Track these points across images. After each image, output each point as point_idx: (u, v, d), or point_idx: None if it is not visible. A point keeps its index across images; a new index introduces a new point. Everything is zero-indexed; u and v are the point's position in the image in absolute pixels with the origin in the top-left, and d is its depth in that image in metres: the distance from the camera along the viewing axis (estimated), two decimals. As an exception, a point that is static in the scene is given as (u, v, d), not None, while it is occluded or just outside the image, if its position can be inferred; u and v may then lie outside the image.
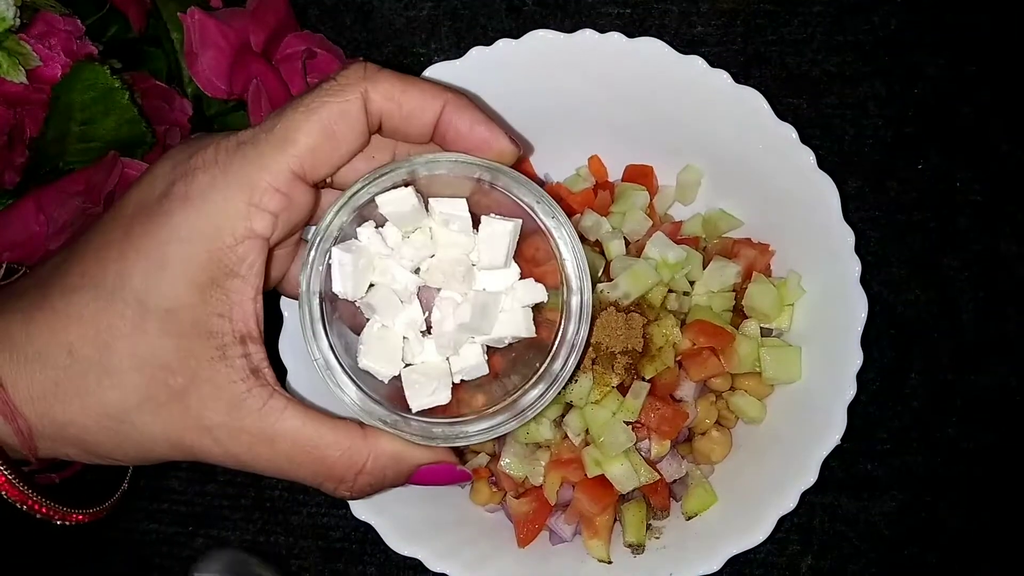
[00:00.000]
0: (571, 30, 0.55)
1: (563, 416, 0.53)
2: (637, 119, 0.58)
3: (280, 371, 0.47)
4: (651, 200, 0.60)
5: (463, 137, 0.40)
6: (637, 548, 0.54)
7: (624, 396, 0.52)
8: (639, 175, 0.60)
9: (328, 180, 0.40)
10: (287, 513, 0.64)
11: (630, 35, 0.54)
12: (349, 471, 0.39)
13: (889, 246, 0.64)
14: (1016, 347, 0.62)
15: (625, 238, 0.57)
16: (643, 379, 0.52)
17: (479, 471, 0.56)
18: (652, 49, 0.54)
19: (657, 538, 0.55)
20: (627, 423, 0.52)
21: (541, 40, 0.55)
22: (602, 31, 0.55)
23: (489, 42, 0.55)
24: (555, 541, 0.56)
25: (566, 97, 0.57)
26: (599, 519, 0.53)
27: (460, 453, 0.57)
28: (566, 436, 0.53)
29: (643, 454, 0.53)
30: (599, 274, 0.56)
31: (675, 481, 0.55)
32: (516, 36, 0.55)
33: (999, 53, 0.65)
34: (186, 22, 0.57)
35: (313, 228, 0.40)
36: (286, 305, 0.54)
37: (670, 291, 0.55)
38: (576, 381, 0.52)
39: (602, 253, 0.56)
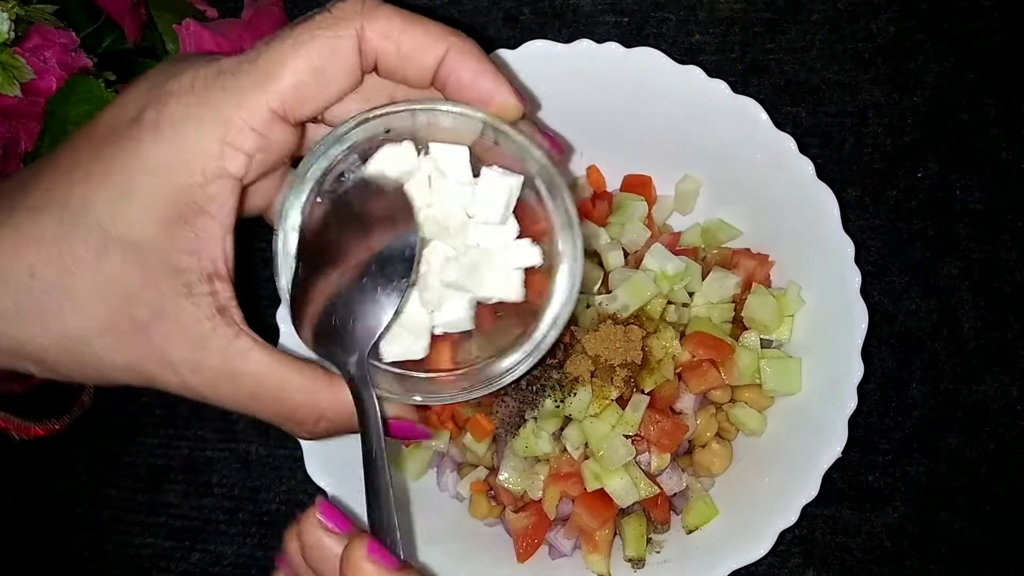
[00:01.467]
0: (569, 39, 0.54)
1: (562, 429, 0.53)
2: (635, 129, 0.58)
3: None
4: (650, 210, 0.59)
5: (465, 87, 0.38)
6: (637, 562, 0.54)
7: (623, 409, 0.52)
8: (637, 185, 0.60)
9: (319, 116, 0.38)
10: (284, 527, 0.63)
11: (628, 44, 0.54)
12: (310, 415, 0.39)
13: (889, 255, 0.64)
14: (1017, 356, 0.62)
15: (624, 249, 0.57)
16: (642, 392, 0.52)
17: (477, 485, 0.56)
18: (650, 59, 0.54)
19: (658, 552, 0.54)
20: (626, 436, 0.51)
21: (538, 50, 0.55)
22: (600, 40, 0.54)
23: (486, 52, 0.55)
24: (555, 555, 0.55)
25: (564, 107, 0.57)
26: (599, 533, 0.53)
27: (427, 420, 0.56)
28: (565, 450, 0.53)
29: (643, 467, 0.53)
30: (598, 286, 0.55)
31: (675, 494, 0.55)
32: (513, 46, 0.55)
33: (998, 61, 0.65)
34: (181, 33, 0.57)
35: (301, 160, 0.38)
36: (283, 318, 0.54)
37: (669, 303, 0.54)
38: (575, 394, 0.51)
39: (600, 264, 0.56)
